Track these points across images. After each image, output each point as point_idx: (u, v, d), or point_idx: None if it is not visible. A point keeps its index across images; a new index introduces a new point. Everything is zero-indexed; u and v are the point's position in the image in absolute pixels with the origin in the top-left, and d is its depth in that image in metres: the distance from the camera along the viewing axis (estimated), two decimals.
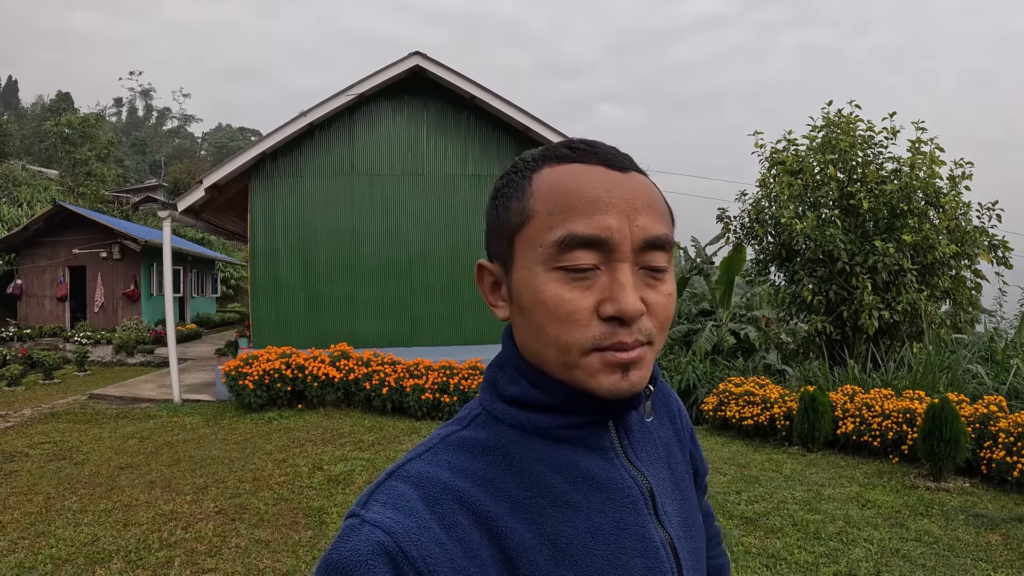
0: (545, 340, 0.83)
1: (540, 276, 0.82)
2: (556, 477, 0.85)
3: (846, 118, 12.67)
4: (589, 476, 0.87)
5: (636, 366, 0.82)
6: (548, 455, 0.86)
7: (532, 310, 0.83)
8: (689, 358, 13.71)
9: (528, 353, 0.88)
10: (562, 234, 0.80)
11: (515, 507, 0.81)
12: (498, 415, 0.89)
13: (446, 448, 0.86)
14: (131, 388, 13.52)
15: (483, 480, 0.82)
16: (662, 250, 0.84)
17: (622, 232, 0.81)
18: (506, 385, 0.90)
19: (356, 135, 13.07)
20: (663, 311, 0.84)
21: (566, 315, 0.80)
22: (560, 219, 0.81)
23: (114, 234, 21.52)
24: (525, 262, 0.84)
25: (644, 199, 0.84)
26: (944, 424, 7.08)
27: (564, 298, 0.80)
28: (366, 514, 0.78)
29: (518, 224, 0.85)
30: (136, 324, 20.10)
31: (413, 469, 0.83)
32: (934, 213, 12.01)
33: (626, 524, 0.86)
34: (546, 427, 0.87)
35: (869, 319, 11.28)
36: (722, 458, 8.50)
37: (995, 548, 5.47)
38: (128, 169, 61.85)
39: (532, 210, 0.84)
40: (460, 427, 0.90)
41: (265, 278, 12.74)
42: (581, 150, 0.87)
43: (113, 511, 6.37)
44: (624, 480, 0.89)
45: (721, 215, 14.24)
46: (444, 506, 0.78)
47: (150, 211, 37.41)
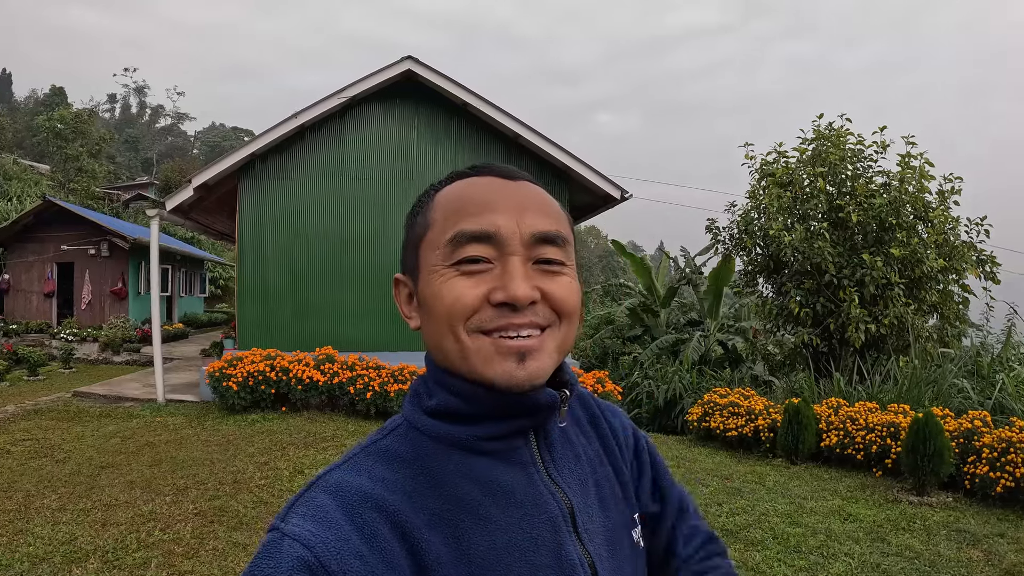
0: (441, 330, 0.87)
1: (438, 273, 0.88)
2: (475, 490, 0.86)
3: (837, 131, 12.71)
4: (508, 491, 0.88)
5: (532, 355, 0.86)
6: (467, 468, 0.87)
7: (431, 306, 0.89)
8: (676, 368, 13.74)
9: (435, 354, 0.92)
10: (453, 232, 0.87)
11: (433, 520, 0.82)
12: (419, 426, 0.91)
13: (367, 457, 0.87)
14: (115, 387, 13.44)
15: (403, 491, 0.83)
16: (553, 244, 0.89)
17: (510, 228, 0.87)
18: (426, 398, 0.93)
19: (347, 138, 13.04)
20: (562, 300, 0.88)
21: (456, 300, 0.86)
22: (453, 222, 0.89)
23: (103, 231, 21.45)
24: (427, 265, 0.90)
25: (533, 201, 0.91)
26: (928, 439, 7.10)
27: (457, 287, 0.86)
28: (286, 527, 0.78)
29: (421, 235, 0.93)
30: (123, 322, 20.04)
31: (333, 479, 0.84)
32: (923, 227, 12.04)
33: (543, 541, 0.87)
34: (466, 439, 0.89)
35: (856, 332, 11.29)
36: (705, 469, 8.49)
37: (976, 564, 5.47)
38: (120, 166, 61.76)
39: (432, 220, 0.92)
40: (380, 437, 0.91)
41: (252, 279, 12.70)
42: (478, 167, 0.96)
43: (92, 510, 6.33)
44: (543, 496, 0.90)
45: (710, 226, 14.25)
46: (364, 515, 0.79)
47: (140, 209, 37.40)
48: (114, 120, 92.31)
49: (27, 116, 63.42)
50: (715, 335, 15.86)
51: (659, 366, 14.36)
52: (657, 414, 13.03)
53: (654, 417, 13.06)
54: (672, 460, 8.94)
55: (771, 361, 14.18)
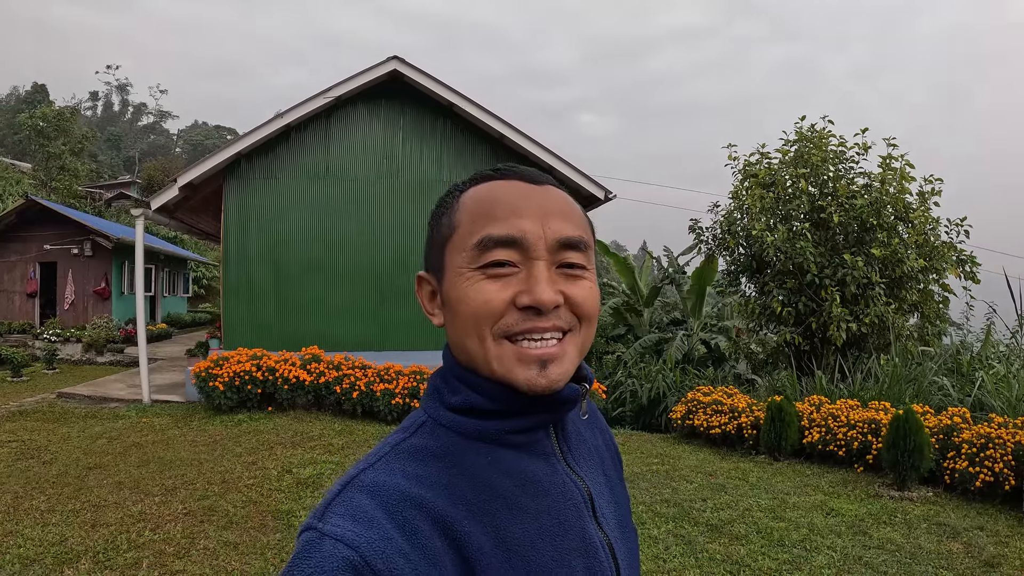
0: (468, 332, 0.89)
1: (464, 276, 0.90)
2: (506, 481, 0.88)
3: (819, 133, 12.81)
4: (535, 480, 0.91)
5: (555, 362, 0.88)
6: (495, 459, 0.90)
7: (457, 307, 0.90)
8: (660, 367, 13.82)
9: (459, 352, 0.94)
10: (480, 236, 0.89)
11: (471, 510, 0.84)
12: (444, 422, 0.92)
13: (398, 456, 0.88)
14: (100, 387, 13.40)
15: (438, 484, 0.84)
16: (576, 249, 0.92)
17: (535, 233, 0.89)
18: (449, 395, 0.94)
19: (332, 138, 13.05)
20: (584, 303, 0.91)
21: (482, 304, 0.88)
22: (480, 225, 0.90)
23: (86, 230, 21.30)
24: (453, 267, 0.92)
25: (557, 206, 0.94)
26: (908, 435, 7.20)
27: (483, 290, 0.88)
28: (325, 527, 0.77)
29: (447, 236, 0.94)
30: (106, 323, 19.93)
31: (368, 478, 0.84)
32: (903, 228, 12.17)
33: (570, 526, 0.90)
34: (492, 432, 0.91)
35: (837, 331, 11.41)
36: (689, 466, 8.57)
37: (956, 556, 5.58)
38: (102, 164, 61.26)
39: (458, 222, 0.93)
40: (408, 435, 0.92)
41: (237, 279, 12.69)
42: (503, 170, 0.97)
43: (81, 511, 6.34)
44: (566, 484, 0.94)
45: (693, 226, 14.33)
46: (404, 514, 0.79)
47: (123, 208, 37.20)
48: (96, 118, 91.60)
49: (8, 114, 62.91)
50: (698, 334, 15.96)
51: (643, 365, 14.44)
52: (641, 412, 13.12)
53: (638, 415, 13.14)
54: (656, 457, 9.03)
55: (754, 360, 14.30)
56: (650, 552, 5.57)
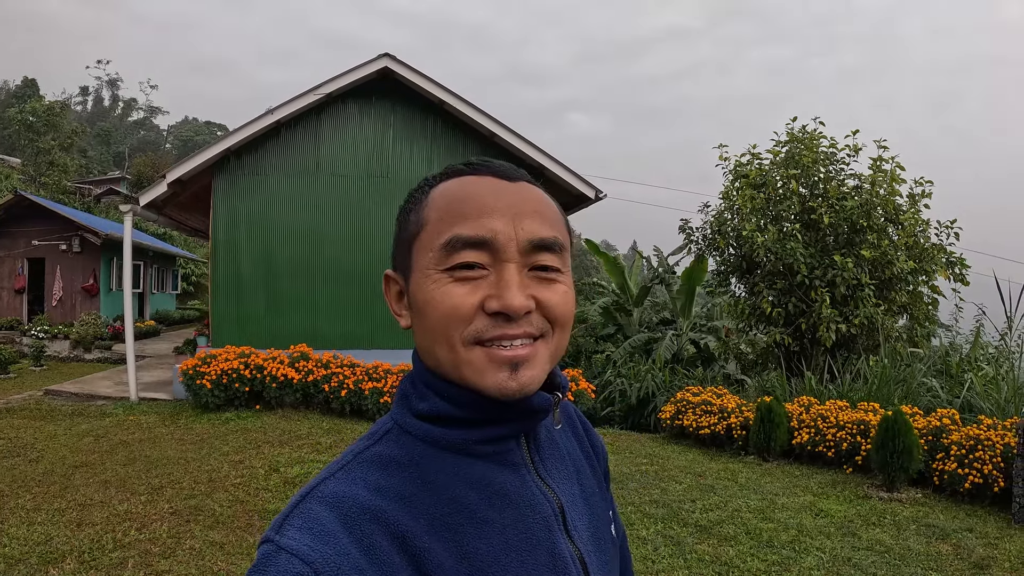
0: (435, 337, 0.86)
1: (431, 277, 0.86)
2: (471, 493, 0.85)
3: (810, 134, 12.85)
4: (502, 492, 0.88)
5: (525, 365, 0.85)
6: (462, 470, 0.87)
7: (424, 310, 0.87)
8: (649, 366, 13.82)
9: (426, 357, 0.91)
10: (449, 236, 0.85)
11: (433, 524, 0.81)
12: (410, 429, 0.89)
13: (360, 465, 0.85)
14: (88, 385, 13.33)
15: (400, 497, 0.82)
16: (550, 251, 0.88)
17: (507, 234, 0.85)
18: (417, 401, 0.91)
19: (322, 135, 13.00)
20: (556, 308, 0.87)
21: (451, 309, 0.84)
22: (449, 224, 0.86)
23: (75, 226, 21.20)
24: (419, 267, 0.88)
25: (531, 205, 0.89)
26: (897, 436, 7.21)
27: (451, 294, 0.84)
28: (281, 540, 0.76)
29: (414, 233, 0.90)
30: (94, 319, 19.83)
31: (328, 489, 0.82)
32: (893, 230, 12.21)
33: (538, 540, 0.87)
34: (459, 442, 0.88)
35: (827, 332, 11.43)
36: (678, 466, 8.57)
37: (945, 558, 5.58)
38: (91, 160, 60.99)
39: (426, 219, 0.89)
40: (372, 442, 0.89)
41: (226, 276, 12.63)
42: (475, 165, 0.93)
43: (67, 510, 6.29)
44: (535, 496, 0.90)
45: (684, 226, 14.35)
46: (362, 527, 0.77)
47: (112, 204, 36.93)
48: (86, 113, 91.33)
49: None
50: (688, 334, 15.98)
51: (632, 364, 14.44)
52: (630, 412, 13.11)
53: (627, 415, 13.14)
54: (645, 458, 9.03)
55: (743, 360, 14.31)
56: (639, 553, 5.56)
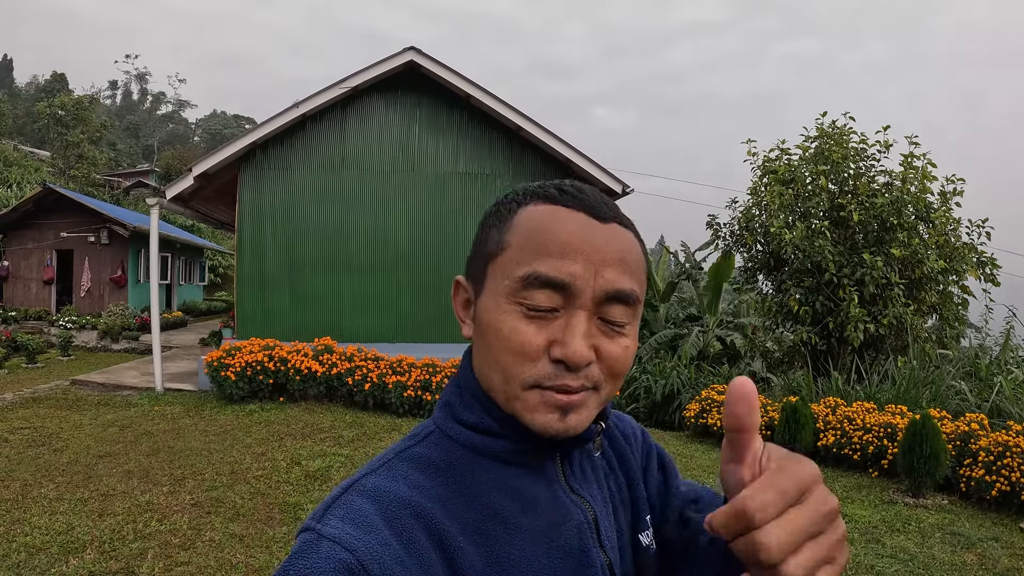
0: (494, 366, 0.85)
1: (502, 305, 0.84)
2: (505, 500, 0.86)
3: (840, 129, 12.70)
4: (535, 501, 0.88)
5: (575, 410, 0.83)
6: (497, 477, 0.87)
7: (488, 335, 0.85)
8: (674, 363, 13.73)
9: (480, 376, 0.90)
10: (528, 271, 0.82)
11: (466, 528, 0.82)
12: (452, 434, 0.90)
13: (402, 462, 0.86)
14: (114, 375, 13.44)
15: (438, 498, 0.82)
16: (625, 304, 0.84)
17: (585, 280, 0.82)
18: (462, 410, 0.91)
19: (348, 129, 13.00)
20: (616, 362, 0.84)
21: (517, 346, 0.82)
22: (530, 256, 0.83)
23: (103, 219, 21.39)
24: (492, 288, 0.86)
25: (617, 252, 0.85)
26: (924, 441, 7.10)
27: (519, 330, 0.82)
28: (324, 528, 0.76)
29: (494, 252, 0.87)
30: (122, 310, 20.00)
31: (370, 483, 0.82)
32: (924, 228, 12.04)
33: (571, 548, 0.87)
34: (497, 450, 0.88)
35: (855, 331, 11.30)
36: (701, 466, 8.50)
37: (970, 567, 5.48)
38: (120, 153, 61.66)
39: (507, 242, 0.86)
40: (414, 443, 0.90)
41: (251, 269, 12.67)
42: (569, 194, 0.88)
43: (89, 500, 6.33)
44: (568, 507, 0.90)
45: (711, 222, 14.25)
46: (403, 521, 0.78)
47: (140, 196, 37.34)
48: (115, 107, 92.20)
49: (28, 102, 63.29)
50: (714, 331, 15.87)
51: (657, 361, 14.35)
52: (654, 409, 13.04)
53: (651, 412, 13.07)
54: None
55: (769, 358, 14.20)
56: None
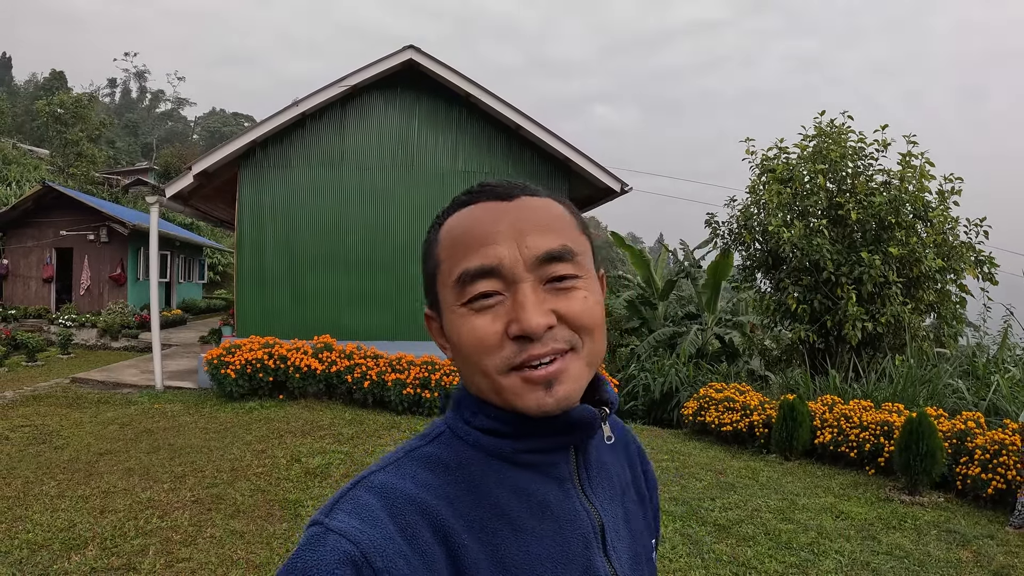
0: (473, 370, 0.88)
1: (456, 313, 0.88)
2: (513, 500, 0.87)
3: (838, 128, 12.73)
4: (544, 503, 0.89)
5: (559, 380, 0.85)
6: (507, 478, 0.89)
7: (458, 346, 0.89)
8: (673, 361, 13.76)
9: (470, 387, 0.92)
10: (459, 272, 0.87)
11: (471, 526, 0.83)
12: (462, 435, 0.91)
13: (411, 461, 0.88)
14: (114, 373, 13.47)
15: (444, 496, 0.84)
16: (562, 260, 0.87)
17: (512, 256, 0.86)
18: (470, 414, 0.92)
19: (347, 127, 13.02)
20: (580, 316, 0.87)
21: (477, 341, 0.86)
22: (456, 260, 0.88)
23: (102, 217, 21.39)
24: (445, 304, 0.90)
25: (533, 220, 0.89)
26: (921, 439, 7.13)
27: (475, 327, 0.86)
28: (331, 522, 0.79)
29: (434, 272, 0.93)
30: (121, 308, 20.03)
31: (378, 480, 0.84)
32: (922, 227, 12.07)
33: (574, 555, 0.88)
34: (507, 451, 0.90)
35: (852, 330, 11.33)
36: (699, 463, 8.53)
37: (965, 565, 5.52)
38: (119, 151, 61.48)
39: (439, 257, 0.91)
40: (425, 442, 0.92)
41: (251, 267, 12.70)
42: (474, 192, 0.94)
43: (91, 497, 6.36)
44: (577, 512, 0.92)
45: (710, 220, 14.28)
46: (408, 517, 0.80)
47: (140, 194, 37.33)
48: (114, 105, 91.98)
49: (27, 100, 63.14)
50: (712, 329, 15.89)
51: (656, 359, 14.38)
52: (653, 407, 13.07)
53: (650, 410, 13.10)
54: (667, 454, 9.00)
55: (768, 356, 14.24)
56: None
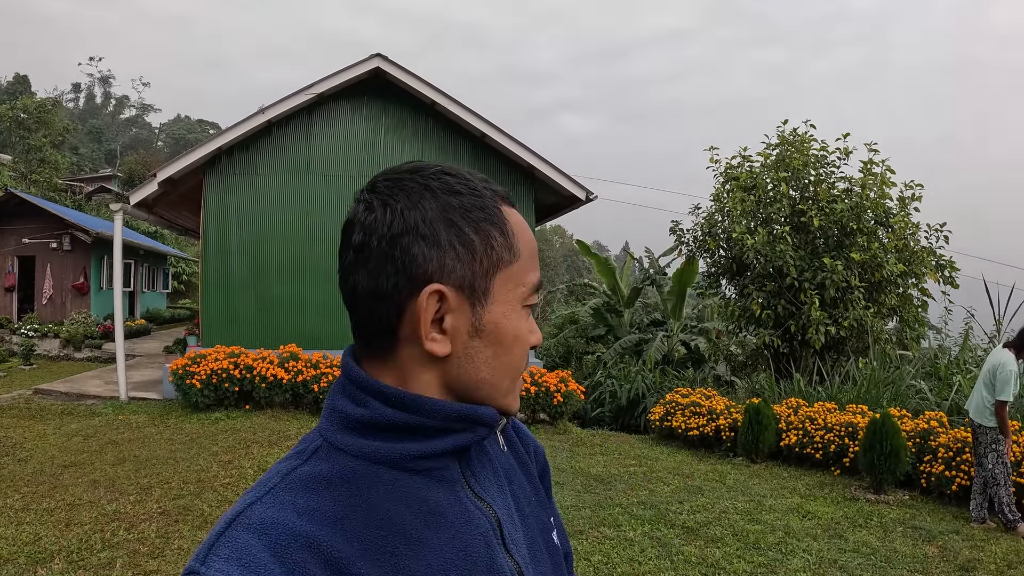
0: (507, 370, 0.87)
1: (520, 313, 0.87)
2: (406, 513, 0.81)
3: (800, 137, 12.90)
4: (438, 510, 0.83)
5: None
6: (396, 488, 0.82)
7: (507, 342, 0.86)
8: (639, 367, 13.85)
9: (474, 385, 0.86)
10: (537, 280, 0.89)
11: (366, 549, 0.77)
12: (341, 446, 0.83)
13: (288, 487, 0.79)
14: (77, 384, 13.30)
15: (332, 520, 0.77)
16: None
17: None
18: (353, 407, 0.85)
19: (314, 135, 12.97)
20: None
21: (525, 346, 0.89)
22: (533, 264, 0.89)
23: (65, 224, 21.12)
24: (507, 298, 0.86)
25: None
26: (884, 438, 7.26)
27: (527, 332, 0.89)
28: (208, 572, 0.71)
29: (506, 260, 0.85)
30: (85, 318, 19.77)
31: (256, 515, 0.76)
32: (883, 233, 12.27)
33: (477, 557, 0.83)
34: (395, 456, 0.83)
35: (816, 334, 11.48)
36: (667, 468, 8.60)
37: (932, 560, 5.62)
38: (83, 157, 60.77)
39: (518, 250, 0.86)
40: (300, 462, 0.83)
41: (216, 276, 12.59)
42: (510, 197, 0.92)
43: (56, 510, 6.28)
44: (472, 513, 0.87)
45: (674, 227, 14.41)
46: (294, 556, 0.72)
47: (103, 201, 36.83)
48: (78, 110, 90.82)
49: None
50: (678, 335, 16.01)
51: (622, 366, 14.46)
52: (620, 413, 13.14)
53: (617, 416, 13.17)
54: (634, 459, 9.06)
55: (733, 362, 14.37)
56: (625, 554, 5.58)
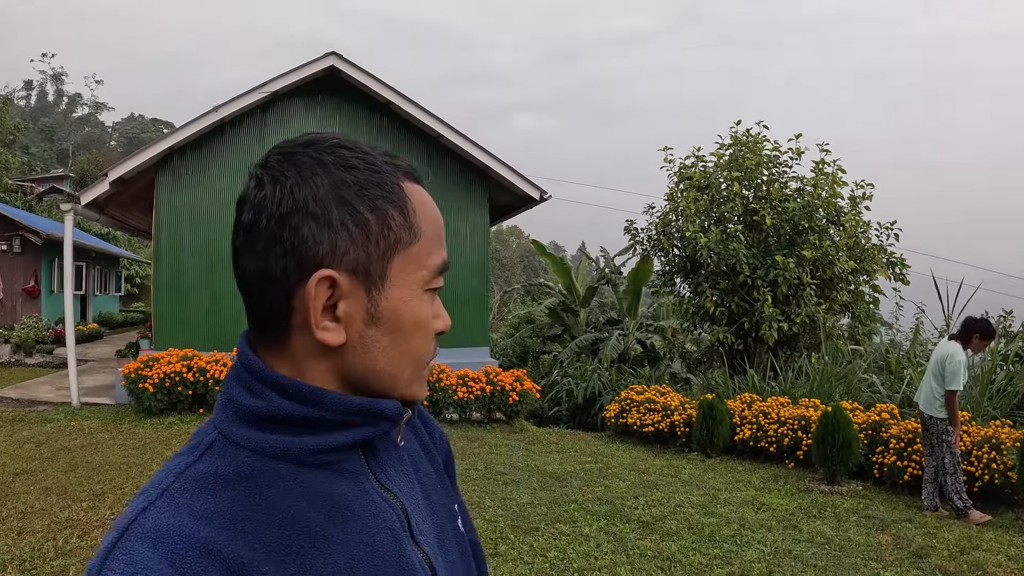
0: (408, 360, 0.83)
1: (420, 297, 0.82)
2: (309, 509, 0.77)
3: (753, 137, 13.07)
4: (343, 505, 0.80)
5: None
6: (297, 484, 0.78)
7: (412, 332, 0.82)
8: (595, 366, 13.92)
9: (373, 376, 0.82)
10: (442, 261, 0.84)
11: (269, 551, 0.73)
12: (237, 440, 0.79)
13: (183, 489, 0.74)
14: (28, 390, 13.05)
15: (231, 522, 0.72)
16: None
17: None
18: (249, 398, 0.80)
19: (268, 133, 12.84)
20: None
21: (429, 332, 0.85)
22: (437, 244, 0.84)
23: (15, 226, 20.75)
24: (407, 282, 0.81)
25: None
26: (836, 431, 7.39)
27: (429, 316, 0.84)
28: None
29: (405, 241, 0.81)
30: (35, 322, 19.40)
31: (150, 523, 0.70)
32: (835, 231, 12.48)
33: (385, 551, 0.80)
34: (294, 451, 0.79)
35: (769, 330, 11.64)
36: (622, 464, 8.66)
37: (885, 548, 5.74)
38: (34, 157, 59.62)
39: (419, 230, 0.82)
40: (194, 459, 0.77)
41: (169, 277, 12.42)
42: (417, 172, 0.89)
43: (7, 519, 6.16)
44: (378, 505, 0.83)
45: (629, 227, 14.49)
46: (193, 565, 0.68)
47: (54, 202, 36.15)
48: (29, 108, 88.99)
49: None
50: (634, 334, 16.13)
51: (579, 364, 14.53)
52: (576, 412, 13.20)
53: (574, 414, 13.23)
54: (590, 456, 9.10)
55: (688, 359, 14.52)
56: (581, 550, 5.61)
